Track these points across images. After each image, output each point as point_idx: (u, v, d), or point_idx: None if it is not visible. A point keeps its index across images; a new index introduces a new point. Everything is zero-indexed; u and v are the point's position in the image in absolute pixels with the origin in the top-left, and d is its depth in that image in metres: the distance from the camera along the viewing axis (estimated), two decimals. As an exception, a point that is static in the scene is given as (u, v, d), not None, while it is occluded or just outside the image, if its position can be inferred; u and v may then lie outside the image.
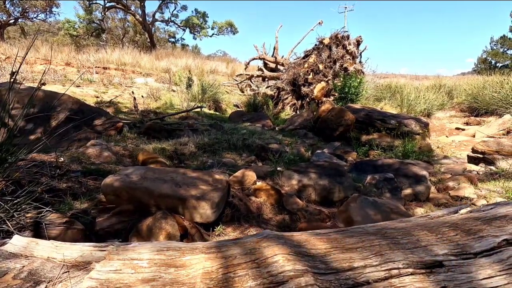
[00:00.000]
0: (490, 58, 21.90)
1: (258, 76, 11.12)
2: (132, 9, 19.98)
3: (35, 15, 18.77)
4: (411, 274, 0.71)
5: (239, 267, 0.70)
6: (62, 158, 2.64)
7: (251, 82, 11.25)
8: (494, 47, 21.87)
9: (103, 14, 19.91)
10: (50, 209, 1.68)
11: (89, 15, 20.00)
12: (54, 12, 19.20)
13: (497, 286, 0.66)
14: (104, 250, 0.76)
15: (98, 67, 11.30)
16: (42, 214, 1.62)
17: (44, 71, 2.06)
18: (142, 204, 2.02)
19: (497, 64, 20.95)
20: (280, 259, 0.72)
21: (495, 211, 0.91)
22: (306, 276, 0.65)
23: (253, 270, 0.69)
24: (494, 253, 0.77)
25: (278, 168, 3.19)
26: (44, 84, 1.83)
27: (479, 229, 0.83)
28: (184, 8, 21.92)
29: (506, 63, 20.39)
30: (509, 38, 21.08)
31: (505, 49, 21.35)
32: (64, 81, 8.79)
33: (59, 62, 11.38)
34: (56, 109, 3.48)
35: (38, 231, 1.56)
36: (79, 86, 8.56)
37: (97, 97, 7.70)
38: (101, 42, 20.18)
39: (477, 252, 0.77)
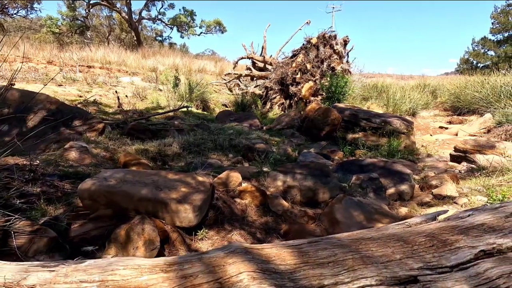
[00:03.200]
0: (472, 59, 22.59)
1: (246, 75, 11.07)
2: (118, 7, 19.51)
3: (15, 11, 18.06)
4: (384, 291, 0.67)
5: (200, 287, 0.65)
6: (37, 161, 2.52)
7: (240, 81, 11.19)
8: (476, 48, 22.57)
9: (87, 11, 19.36)
10: (20, 216, 1.59)
11: (72, 12, 19.41)
12: (35, 9, 18.52)
13: (473, 304, 0.63)
14: (53, 271, 0.69)
15: (82, 66, 10.99)
16: (11, 222, 1.53)
17: (17, 69, 1.95)
18: (121, 209, 1.95)
19: (479, 65, 21.63)
20: (245, 278, 0.67)
21: (473, 219, 0.89)
22: (272, 297, 0.61)
23: (215, 291, 0.64)
24: (471, 265, 0.74)
25: (264, 169, 3.16)
26: (13, 84, 1.72)
27: (455, 240, 0.80)
28: (172, 6, 21.59)
29: (487, 63, 21.08)
30: (490, 40, 21.79)
31: (486, 50, 22.06)
32: (45, 80, 8.49)
33: (41, 60, 11.01)
34: (33, 109, 3.33)
35: (6, 240, 1.48)
36: (61, 85, 8.30)
37: (80, 96, 7.47)
38: (85, 40, 19.64)
39: (453, 265, 0.74)
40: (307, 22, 10.70)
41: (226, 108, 9.02)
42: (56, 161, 2.58)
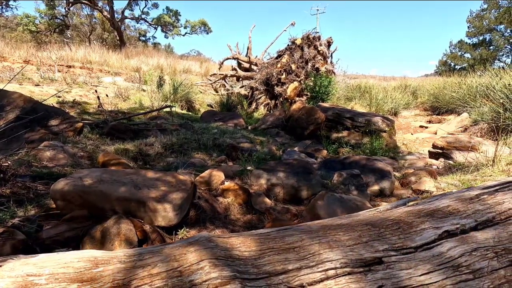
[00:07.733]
0: (450, 61, 23.49)
1: (232, 75, 11.03)
2: (100, 5, 19.00)
3: (-12, 8, 17.26)
4: (349, 273, 0.67)
5: (157, 277, 0.62)
6: (9, 162, 2.40)
7: (225, 81, 11.14)
8: (453, 51, 23.49)
9: (67, 9, 18.75)
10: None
11: (51, 10, 18.74)
12: (11, 6, 17.78)
13: (435, 282, 0.64)
14: (0, 266, 0.64)
15: (61, 65, 10.61)
16: (-26, 225, 1.44)
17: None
18: (98, 209, 1.88)
19: (456, 67, 22.52)
20: (206, 265, 0.65)
21: (439, 202, 0.91)
22: (233, 284, 0.60)
23: (174, 280, 0.62)
24: (435, 245, 0.75)
25: (248, 167, 3.15)
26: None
27: (421, 221, 0.81)
28: (155, 5, 21.27)
29: (463, 65, 21.97)
30: (466, 43, 22.74)
31: (463, 53, 23.00)
32: (21, 79, 8.15)
33: (17, 59, 10.57)
34: (4, 108, 3.17)
35: (-32, 243, 1.39)
36: (38, 84, 7.98)
37: (58, 96, 7.20)
38: (65, 39, 19.01)
39: (417, 246, 0.75)
40: (292, 23, 10.79)
41: (211, 109, 8.94)
42: (29, 161, 2.46)
